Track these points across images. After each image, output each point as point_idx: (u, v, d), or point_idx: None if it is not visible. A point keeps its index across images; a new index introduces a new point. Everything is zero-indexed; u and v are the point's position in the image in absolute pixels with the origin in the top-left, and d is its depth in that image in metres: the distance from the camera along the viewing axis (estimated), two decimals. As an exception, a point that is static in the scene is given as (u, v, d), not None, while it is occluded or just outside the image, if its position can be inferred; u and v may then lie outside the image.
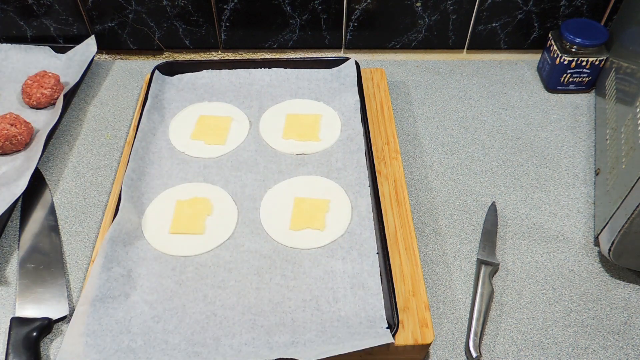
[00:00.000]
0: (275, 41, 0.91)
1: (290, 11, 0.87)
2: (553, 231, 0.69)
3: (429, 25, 0.88)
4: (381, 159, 0.72)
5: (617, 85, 0.74)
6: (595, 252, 0.66)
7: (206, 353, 0.54)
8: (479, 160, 0.77)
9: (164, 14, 0.87)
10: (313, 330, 0.55)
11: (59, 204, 0.72)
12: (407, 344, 0.55)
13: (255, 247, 0.63)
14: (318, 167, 0.71)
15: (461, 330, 0.60)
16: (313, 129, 0.75)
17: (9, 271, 0.64)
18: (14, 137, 0.73)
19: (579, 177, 0.75)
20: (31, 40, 0.91)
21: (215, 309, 0.57)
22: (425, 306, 0.57)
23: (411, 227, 0.65)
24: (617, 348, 0.58)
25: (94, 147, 0.79)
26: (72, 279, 0.64)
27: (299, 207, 0.66)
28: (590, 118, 0.82)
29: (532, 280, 0.64)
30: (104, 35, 0.90)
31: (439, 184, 0.74)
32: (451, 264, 0.65)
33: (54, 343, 0.58)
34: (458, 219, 0.70)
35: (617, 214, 0.60)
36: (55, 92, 0.81)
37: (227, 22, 0.89)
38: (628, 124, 0.65)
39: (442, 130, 0.81)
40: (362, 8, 0.86)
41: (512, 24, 0.88)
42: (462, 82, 0.89)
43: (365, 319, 0.56)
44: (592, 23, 0.82)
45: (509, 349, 0.58)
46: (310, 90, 0.82)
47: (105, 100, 0.86)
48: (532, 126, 0.81)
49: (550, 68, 0.84)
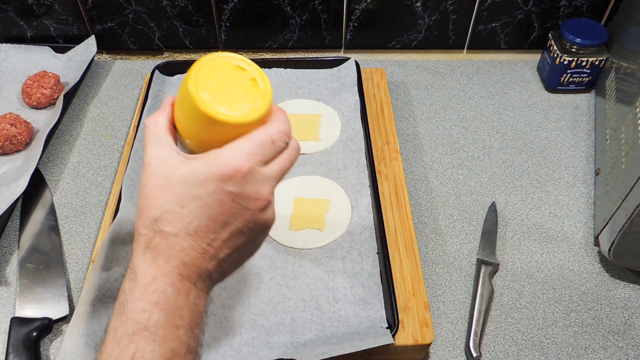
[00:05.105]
0: (275, 41, 0.91)
1: (290, 11, 0.87)
2: (553, 231, 0.69)
3: (429, 25, 0.88)
4: (381, 159, 0.72)
5: (617, 85, 0.74)
6: (595, 252, 0.66)
7: (206, 353, 0.54)
8: (479, 160, 0.77)
9: (164, 14, 0.87)
10: (313, 330, 0.55)
11: (59, 204, 0.72)
12: (407, 344, 0.55)
13: (255, 247, 0.63)
14: (318, 167, 0.71)
15: (461, 330, 0.60)
16: (313, 129, 0.75)
17: (9, 271, 0.64)
18: (14, 137, 0.73)
19: (579, 177, 0.75)
20: (31, 40, 0.91)
21: (215, 309, 0.57)
22: (425, 306, 0.57)
23: (411, 227, 0.65)
24: (617, 348, 0.58)
25: (94, 147, 0.79)
26: (72, 279, 0.64)
27: (299, 207, 0.66)
28: (590, 118, 0.82)
29: (532, 280, 0.64)
30: (104, 35, 0.90)
31: (439, 184, 0.74)
32: (451, 264, 0.65)
33: (54, 343, 0.58)
34: (458, 219, 0.70)
35: (617, 214, 0.60)
36: (55, 92, 0.81)
37: (227, 22, 0.89)
38: (628, 124, 0.65)
39: (442, 130, 0.81)
40: (362, 8, 0.86)
41: (512, 24, 0.88)
42: (462, 82, 0.89)
43: (365, 319, 0.56)
44: (592, 23, 0.82)
45: (509, 349, 0.58)
46: (310, 90, 0.82)
47: (105, 100, 0.86)
48: (532, 126, 0.81)
49: (550, 68, 0.84)
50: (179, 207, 0.37)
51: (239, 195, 0.38)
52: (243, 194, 0.38)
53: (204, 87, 0.38)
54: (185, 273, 0.38)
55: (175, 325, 0.37)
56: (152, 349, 0.35)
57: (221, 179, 0.37)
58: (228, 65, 0.40)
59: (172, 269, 0.37)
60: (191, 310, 0.38)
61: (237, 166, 0.37)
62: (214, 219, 0.38)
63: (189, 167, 0.38)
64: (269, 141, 0.39)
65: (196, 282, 0.38)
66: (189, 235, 0.38)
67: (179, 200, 0.38)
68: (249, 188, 0.38)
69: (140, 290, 0.37)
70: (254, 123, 0.39)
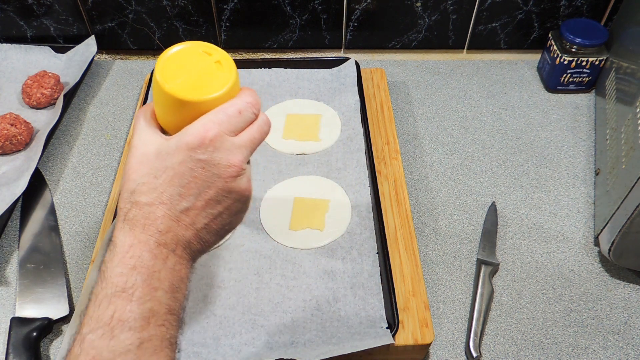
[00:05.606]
0: (275, 41, 0.91)
1: (290, 11, 0.87)
2: (553, 231, 0.69)
3: (429, 25, 0.88)
4: (381, 159, 0.72)
5: (617, 85, 0.74)
6: (595, 252, 0.66)
7: (206, 353, 0.54)
8: (479, 160, 0.77)
9: (164, 14, 0.87)
10: (313, 330, 0.55)
11: (59, 204, 0.72)
12: (407, 344, 0.55)
13: (255, 247, 0.63)
14: (318, 167, 0.71)
15: (461, 330, 0.60)
16: (313, 129, 0.75)
17: (9, 271, 0.64)
18: (14, 137, 0.73)
19: (579, 177, 0.75)
20: (31, 40, 0.91)
21: (215, 309, 0.57)
22: (425, 306, 0.57)
23: (411, 227, 0.65)
24: (617, 348, 0.58)
25: (94, 147, 0.79)
26: (72, 279, 0.64)
27: (299, 207, 0.66)
28: (590, 118, 0.82)
29: (532, 280, 0.64)
30: (104, 35, 0.90)
31: (439, 184, 0.74)
32: (451, 264, 0.65)
33: (54, 343, 0.58)
34: (458, 219, 0.70)
35: (617, 214, 0.60)
36: (55, 92, 0.81)
37: (227, 22, 0.89)
38: (628, 124, 0.65)
39: (442, 130, 0.81)
40: (362, 8, 0.86)
41: (512, 24, 0.88)
42: (462, 82, 0.89)
43: (365, 319, 0.56)
44: (592, 23, 0.82)
45: (509, 349, 0.58)
46: (310, 90, 0.82)
47: (105, 100, 0.86)
48: (532, 126, 0.81)
49: (550, 68, 0.84)
50: (153, 178, 0.40)
51: (208, 162, 0.39)
52: (213, 160, 0.39)
53: (169, 73, 0.41)
54: (162, 240, 0.39)
55: (154, 287, 0.38)
56: (130, 308, 0.37)
57: (190, 148, 0.39)
58: (193, 51, 0.42)
59: (148, 237, 0.39)
60: (170, 274, 0.39)
61: (203, 133, 0.39)
62: (186, 187, 0.40)
63: (163, 141, 0.41)
64: (235, 111, 0.41)
65: (174, 250, 0.40)
66: (162, 204, 0.39)
67: (153, 172, 0.40)
68: (218, 155, 0.40)
69: (118, 257, 0.38)
70: (220, 99, 0.41)
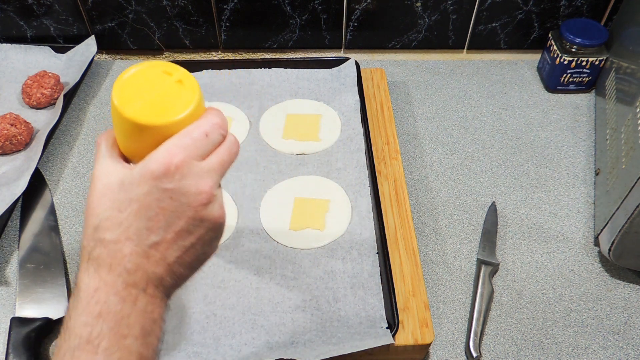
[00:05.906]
0: (275, 41, 0.91)
1: (290, 11, 0.87)
2: (553, 231, 0.69)
3: (429, 25, 0.88)
4: (381, 159, 0.72)
5: (617, 85, 0.74)
6: (595, 252, 0.66)
7: (206, 353, 0.54)
8: (479, 160, 0.77)
9: (164, 14, 0.87)
10: (313, 330, 0.55)
11: (59, 204, 0.72)
12: (407, 344, 0.55)
13: (255, 247, 0.63)
14: (318, 167, 0.71)
15: (461, 330, 0.60)
16: (313, 129, 0.75)
17: (9, 271, 0.64)
18: (14, 137, 0.73)
19: (579, 177, 0.75)
20: (31, 40, 0.91)
21: (215, 309, 0.57)
22: (425, 306, 0.57)
23: (411, 227, 0.65)
24: (617, 348, 0.58)
25: (93, 147, 0.79)
26: (72, 279, 0.64)
27: (299, 207, 0.66)
28: (590, 118, 0.82)
29: (532, 280, 0.64)
30: (104, 35, 0.90)
31: (439, 184, 0.74)
32: (451, 264, 0.65)
33: (54, 343, 0.58)
34: (458, 219, 0.70)
35: (617, 214, 0.60)
36: (55, 92, 0.81)
37: (227, 22, 0.89)
38: (628, 124, 0.65)
39: (442, 130, 0.81)
40: (362, 8, 0.86)
41: (512, 24, 0.88)
42: (462, 82, 0.89)
43: (365, 319, 0.56)
44: (592, 23, 0.82)
45: (509, 349, 0.58)
46: (310, 90, 0.82)
47: (105, 100, 0.86)
48: (532, 126, 0.81)
49: (550, 68, 0.84)
50: (117, 212, 0.36)
51: (176, 191, 0.36)
52: (181, 189, 0.36)
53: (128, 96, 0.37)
54: (130, 280, 0.36)
55: (122, 335, 0.35)
56: None
57: (155, 177, 0.36)
58: (152, 72, 0.39)
59: (115, 278, 0.36)
60: (141, 317, 0.36)
61: (168, 160, 0.36)
62: (154, 219, 0.36)
63: (126, 171, 0.37)
64: (201, 134, 0.37)
65: (145, 289, 0.36)
66: (129, 240, 0.36)
67: (117, 205, 0.36)
68: (186, 182, 0.36)
69: (82, 305, 0.35)
70: (183, 121, 0.38)
